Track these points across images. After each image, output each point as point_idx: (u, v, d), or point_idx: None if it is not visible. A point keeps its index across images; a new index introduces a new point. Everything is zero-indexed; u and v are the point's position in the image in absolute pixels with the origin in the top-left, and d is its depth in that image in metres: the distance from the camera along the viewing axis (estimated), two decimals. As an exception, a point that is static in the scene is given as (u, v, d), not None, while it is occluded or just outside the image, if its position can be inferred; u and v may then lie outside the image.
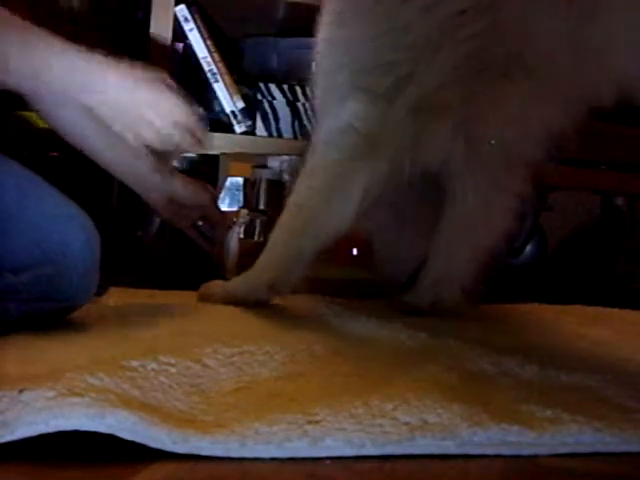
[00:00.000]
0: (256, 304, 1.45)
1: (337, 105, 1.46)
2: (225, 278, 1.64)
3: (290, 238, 1.47)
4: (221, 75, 2.08)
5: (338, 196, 1.44)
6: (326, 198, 1.44)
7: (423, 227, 1.67)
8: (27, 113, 1.96)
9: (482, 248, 1.62)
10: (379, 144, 1.43)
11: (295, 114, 2.12)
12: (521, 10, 1.31)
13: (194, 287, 1.57)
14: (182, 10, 2.05)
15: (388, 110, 1.41)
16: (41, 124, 1.67)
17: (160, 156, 1.62)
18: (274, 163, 2.15)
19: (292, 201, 1.48)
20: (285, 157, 2.12)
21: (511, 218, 1.63)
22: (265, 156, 2.17)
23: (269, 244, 1.50)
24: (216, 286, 1.55)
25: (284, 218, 1.48)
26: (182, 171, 1.91)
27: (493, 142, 1.49)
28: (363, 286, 1.80)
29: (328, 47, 1.48)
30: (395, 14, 1.38)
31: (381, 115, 1.42)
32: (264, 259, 1.49)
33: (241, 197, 2.26)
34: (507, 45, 1.34)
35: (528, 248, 2.39)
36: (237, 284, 1.51)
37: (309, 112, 2.07)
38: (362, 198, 1.44)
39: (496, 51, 1.35)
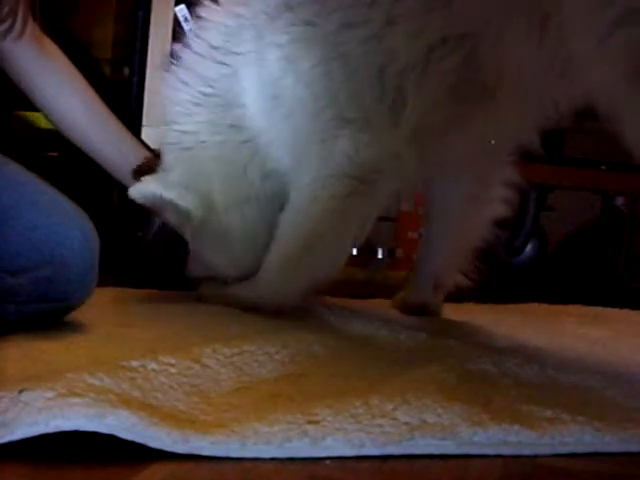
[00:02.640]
0: (256, 309, 1.45)
1: (321, 149, 1.41)
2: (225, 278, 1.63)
3: (287, 268, 1.44)
4: (221, 75, 2.07)
5: (336, 242, 1.42)
6: (324, 246, 1.42)
7: None
8: (27, 113, 1.96)
9: (473, 241, 1.62)
10: (374, 181, 1.40)
11: (295, 114, 2.11)
12: (498, 38, 1.30)
13: (194, 287, 1.57)
14: (182, 10, 2.05)
15: (380, 138, 1.38)
16: (43, 124, 1.67)
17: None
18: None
19: (284, 236, 1.45)
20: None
21: (502, 207, 1.63)
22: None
23: (267, 264, 1.47)
24: (213, 287, 1.55)
25: (280, 248, 1.45)
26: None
27: (493, 142, 1.49)
28: (363, 286, 1.80)
29: (309, 89, 1.41)
30: (381, 38, 1.35)
31: (372, 146, 1.38)
32: (263, 278, 1.47)
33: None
34: (484, 72, 1.33)
35: (528, 248, 2.39)
36: (238, 290, 1.50)
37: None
38: (359, 230, 1.43)
39: (475, 78, 1.34)
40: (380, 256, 2.13)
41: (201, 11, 1.55)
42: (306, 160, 1.43)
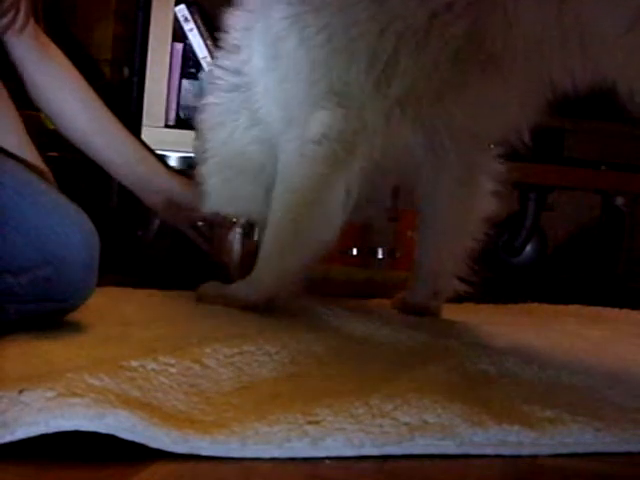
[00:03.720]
0: (254, 308, 1.45)
1: (305, 115, 1.44)
2: (226, 278, 1.63)
3: (281, 251, 1.46)
4: (221, 75, 2.08)
5: (320, 211, 1.43)
6: (308, 215, 1.43)
7: None
8: (29, 113, 1.96)
9: (468, 237, 1.62)
10: (353, 148, 1.42)
11: (295, 114, 2.12)
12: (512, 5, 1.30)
13: (194, 287, 1.57)
14: (182, 10, 2.05)
15: (362, 110, 1.40)
16: (49, 124, 1.67)
17: None
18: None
19: (275, 216, 1.47)
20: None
21: (492, 201, 1.63)
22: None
23: (262, 254, 1.49)
24: (213, 287, 1.55)
25: (272, 232, 1.47)
26: (182, 171, 1.91)
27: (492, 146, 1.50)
28: (363, 286, 1.80)
29: (292, 44, 1.43)
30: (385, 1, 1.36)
31: (354, 117, 1.40)
32: (260, 268, 1.48)
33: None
34: (489, 41, 1.33)
35: (528, 248, 2.39)
36: (236, 289, 1.50)
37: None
38: (344, 205, 1.43)
39: (479, 47, 1.34)
40: (380, 256, 2.12)
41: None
42: (291, 126, 1.46)
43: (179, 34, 2.06)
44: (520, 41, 1.31)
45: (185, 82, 2.12)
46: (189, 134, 2.06)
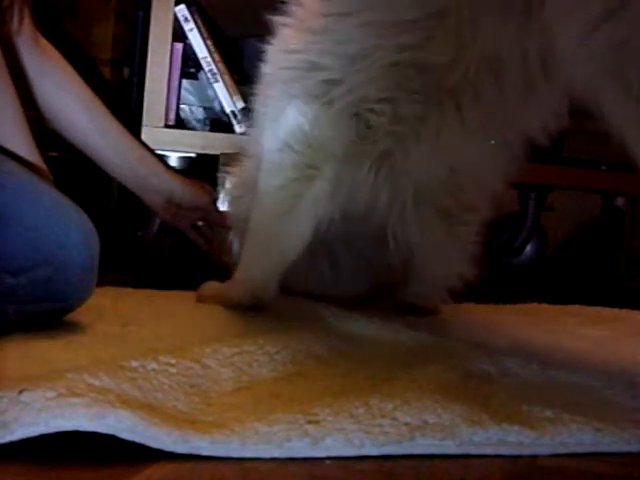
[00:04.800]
0: (247, 308, 1.45)
1: (272, 123, 1.46)
2: (227, 278, 1.63)
3: (258, 259, 1.48)
4: (221, 75, 2.08)
5: (289, 222, 1.44)
6: (278, 224, 1.45)
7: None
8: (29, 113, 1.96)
9: (459, 253, 1.62)
10: (318, 161, 1.42)
11: (295, 114, 2.12)
12: (470, 21, 1.28)
13: (194, 287, 1.57)
14: (182, 10, 2.05)
15: (324, 115, 1.41)
16: (49, 124, 1.67)
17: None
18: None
19: (252, 224, 1.49)
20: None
21: (472, 247, 1.62)
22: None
23: (243, 254, 1.52)
24: (212, 287, 1.55)
25: (250, 234, 1.50)
26: (182, 171, 1.91)
27: (493, 142, 1.48)
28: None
29: (269, 63, 1.48)
30: (337, 28, 1.39)
31: (317, 123, 1.41)
32: (241, 269, 1.50)
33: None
34: (440, 62, 1.32)
35: (528, 248, 2.39)
36: (227, 288, 1.51)
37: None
38: (312, 219, 1.44)
39: (434, 65, 1.33)
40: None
41: None
42: (265, 135, 1.48)
43: (179, 34, 2.06)
44: (477, 67, 1.30)
45: (185, 82, 2.12)
46: (189, 134, 2.07)
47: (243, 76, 2.17)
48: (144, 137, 1.95)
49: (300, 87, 1.42)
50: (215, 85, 2.08)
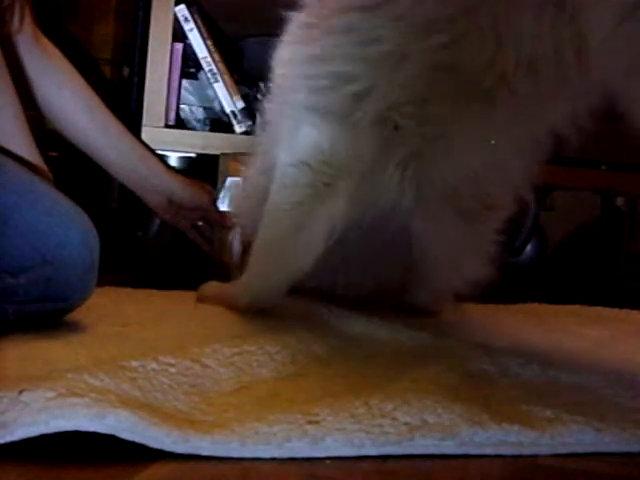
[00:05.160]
0: (247, 310, 1.44)
1: (289, 137, 1.42)
2: (227, 278, 1.64)
3: (267, 266, 1.45)
4: (221, 75, 2.08)
5: (301, 238, 1.40)
6: (290, 240, 1.41)
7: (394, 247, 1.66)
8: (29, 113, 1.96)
9: (465, 255, 1.62)
10: (335, 179, 1.39)
11: (295, 114, 2.11)
12: (502, 19, 1.23)
13: (194, 287, 1.57)
14: (182, 10, 2.05)
15: (344, 132, 1.36)
16: (49, 124, 1.68)
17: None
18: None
19: (262, 231, 1.45)
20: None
21: (491, 247, 1.61)
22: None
23: (250, 261, 1.48)
24: (213, 287, 1.55)
25: (258, 245, 1.46)
26: (182, 171, 1.91)
27: (493, 142, 1.48)
28: None
29: (286, 67, 1.43)
30: (359, 26, 1.32)
31: (336, 140, 1.37)
32: (248, 274, 1.47)
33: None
34: (483, 58, 1.27)
35: (528, 248, 2.39)
36: (228, 290, 1.51)
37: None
38: (326, 236, 1.40)
39: (469, 65, 1.28)
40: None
41: None
42: (280, 147, 1.44)
43: (179, 34, 2.06)
44: (512, 66, 1.25)
45: (185, 82, 2.12)
46: (189, 134, 2.07)
47: (243, 76, 2.17)
48: (144, 137, 1.95)
49: (323, 101, 1.37)
50: (215, 85, 2.08)
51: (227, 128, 2.08)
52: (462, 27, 1.26)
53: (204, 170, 2.03)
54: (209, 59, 2.07)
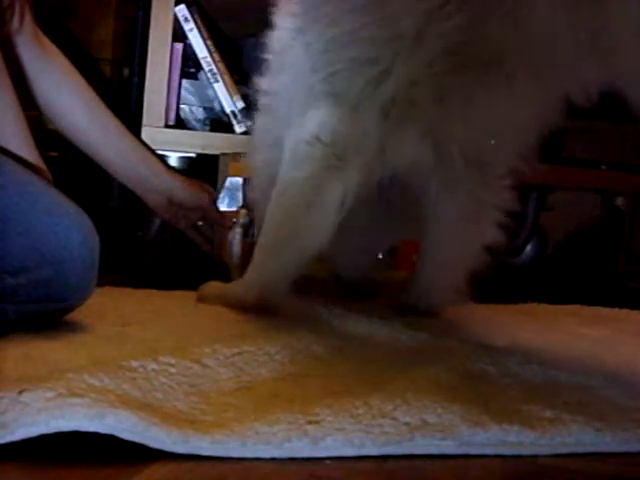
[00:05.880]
0: (250, 309, 1.44)
1: (300, 115, 1.42)
2: (227, 278, 1.64)
3: (274, 255, 1.44)
4: (221, 75, 2.08)
5: (313, 214, 1.40)
6: (301, 217, 1.40)
7: (379, 229, 1.66)
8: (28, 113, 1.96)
9: (468, 258, 1.62)
10: (348, 153, 1.39)
11: (295, 114, 2.12)
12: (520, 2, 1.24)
13: (194, 287, 1.57)
14: (182, 10, 2.05)
15: (357, 113, 1.37)
16: (49, 124, 1.68)
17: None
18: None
19: (269, 218, 1.45)
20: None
21: (496, 233, 1.61)
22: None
23: (256, 254, 1.48)
24: (213, 287, 1.55)
25: (265, 235, 1.46)
26: (182, 171, 1.91)
27: (493, 142, 1.48)
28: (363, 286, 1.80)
29: (298, 51, 1.42)
30: (380, 5, 1.33)
31: (349, 120, 1.37)
32: (253, 269, 1.47)
33: (241, 197, 2.26)
34: (491, 43, 1.29)
35: (528, 248, 2.39)
36: (232, 288, 1.50)
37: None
38: (338, 211, 1.40)
39: (478, 48, 1.30)
40: (380, 256, 2.12)
41: None
42: (290, 127, 1.44)
43: (179, 34, 2.06)
44: (527, 44, 1.27)
45: (185, 82, 2.12)
46: (189, 134, 2.07)
47: (243, 76, 2.17)
48: (144, 137, 1.95)
49: (341, 86, 1.37)
50: (215, 85, 2.08)
51: (227, 128, 2.08)
52: (475, 8, 1.27)
53: (204, 170, 2.03)
54: (209, 59, 2.07)
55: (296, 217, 1.41)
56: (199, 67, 2.09)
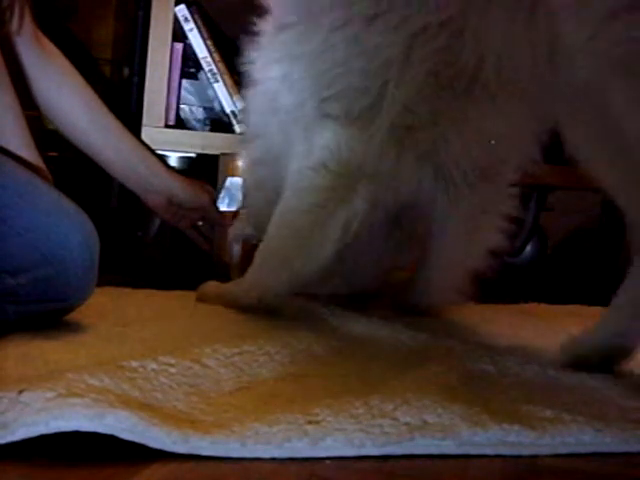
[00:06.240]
0: (249, 309, 1.44)
1: (304, 141, 1.41)
2: (227, 278, 1.64)
3: (273, 265, 1.44)
4: (221, 75, 2.08)
5: (315, 241, 1.40)
6: (301, 240, 1.41)
7: (389, 241, 1.66)
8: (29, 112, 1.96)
9: (468, 258, 1.62)
10: (354, 181, 1.39)
11: (295, 114, 2.11)
12: (484, 20, 1.27)
13: (194, 287, 1.57)
14: (182, 10, 2.05)
15: (362, 136, 1.37)
16: (49, 124, 1.68)
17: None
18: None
19: (272, 231, 1.45)
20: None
21: (498, 238, 1.61)
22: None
23: (256, 259, 1.47)
24: (212, 287, 1.55)
25: (266, 244, 1.46)
26: (182, 171, 1.91)
27: (493, 142, 1.48)
28: None
29: (290, 81, 1.42)
30: (362, 38, 1.34)
31: (354, 144, 1.37)
32: (252, 273, 1.47)
33: (241, 197, 2.26)
34: (468, 60, 1.30)
35: (528, 248, 2.39)
36: (231, 288, 1.50)
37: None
38: (341, 238, 1.40)
39: (459, 66, 1.31)
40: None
41: None
42: (294, 150, 1.44)
43: (179, 34, 2.06)
44: (491, 59, 1.29)
45: (185, 82, 2.12)
46: (189, 134, 2.07)
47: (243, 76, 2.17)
48: (144, 137, 1.95)
49: (337, 109, 1.38)
50: (215, 85, 2.08)
51: (227, 128, 2.08)
52: (451, 32, 1.30)
53: (204, 170, 2.03)
54: (209, 59, 2.07)
55: (295, 240, 1.41)
56: (199, 67, 2.09)
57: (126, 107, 2.09)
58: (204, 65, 2.07)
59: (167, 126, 2.04)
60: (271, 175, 1.52)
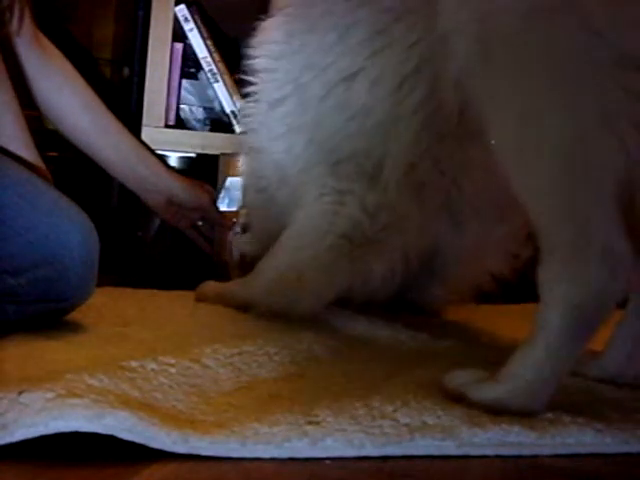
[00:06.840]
0: (248, 309, 1.44)
1: (313, 204, 1.42)
2: (227, 278, 1.64)
3: (283, 273, 1.43)
4: (221, 75, 2.08)
5: (324, 270, 1.41)
6: (305, 275, 1.40)
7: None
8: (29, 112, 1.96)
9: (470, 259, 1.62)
10: (372, 249, 1.40)
11: (295, 114, 2.11)
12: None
13: (194, 287, 1.57)
14: (182, 10, 2.05)
15: (377, 194, 1.38)
16: (48, 124, 1.68)
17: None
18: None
19: (278, 249, 1.45)
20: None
21: (504, 261, 1.63)
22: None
23: (267, 259, 1.47)
24: (211, 286, 1.55)
25: (275, 253, 1.46)
26: (182, 171, 1.91)
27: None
28: None
29: (295, 152, 1.45)
30: (348, 100, 1.37)
31: (371, 200, 1.38)
32: (259, 274, 1.47)
33: (241, 197, 2.26)
34: (452, 104, 1.28)
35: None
36: (230, 288, 1.50)
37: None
38: (358, 275, 1.42)
39: (447, 111, 1.30)
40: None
41: None
42: (310, 190, 1.44)
43: (179, 34, 2.07)
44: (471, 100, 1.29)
45: (185, 82, 2.13)
46: (189, 134, 2.07)
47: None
48: (144, 137, 1.95)
49: (346, 173, 1.39)
50: (215, 85, 2.08)
51: (227, 128, 2.08)
52: (426, 76, 1.31)
53: (204, 170, 2.03)
54: (209, 59, 2.07)
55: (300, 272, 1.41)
56: (199, 67, 2.09)
57: (126, 107, 2.09)
58: (204, 65, 2.07)
59: (167, 126, 2.04)
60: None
